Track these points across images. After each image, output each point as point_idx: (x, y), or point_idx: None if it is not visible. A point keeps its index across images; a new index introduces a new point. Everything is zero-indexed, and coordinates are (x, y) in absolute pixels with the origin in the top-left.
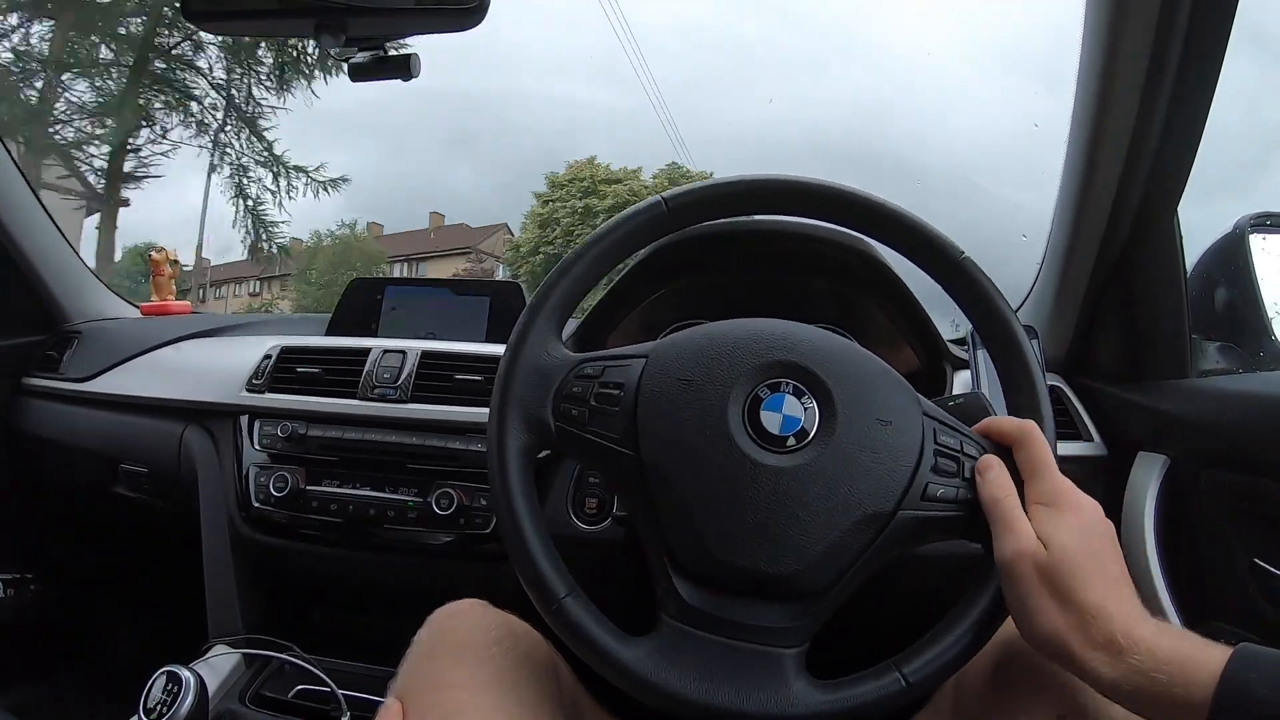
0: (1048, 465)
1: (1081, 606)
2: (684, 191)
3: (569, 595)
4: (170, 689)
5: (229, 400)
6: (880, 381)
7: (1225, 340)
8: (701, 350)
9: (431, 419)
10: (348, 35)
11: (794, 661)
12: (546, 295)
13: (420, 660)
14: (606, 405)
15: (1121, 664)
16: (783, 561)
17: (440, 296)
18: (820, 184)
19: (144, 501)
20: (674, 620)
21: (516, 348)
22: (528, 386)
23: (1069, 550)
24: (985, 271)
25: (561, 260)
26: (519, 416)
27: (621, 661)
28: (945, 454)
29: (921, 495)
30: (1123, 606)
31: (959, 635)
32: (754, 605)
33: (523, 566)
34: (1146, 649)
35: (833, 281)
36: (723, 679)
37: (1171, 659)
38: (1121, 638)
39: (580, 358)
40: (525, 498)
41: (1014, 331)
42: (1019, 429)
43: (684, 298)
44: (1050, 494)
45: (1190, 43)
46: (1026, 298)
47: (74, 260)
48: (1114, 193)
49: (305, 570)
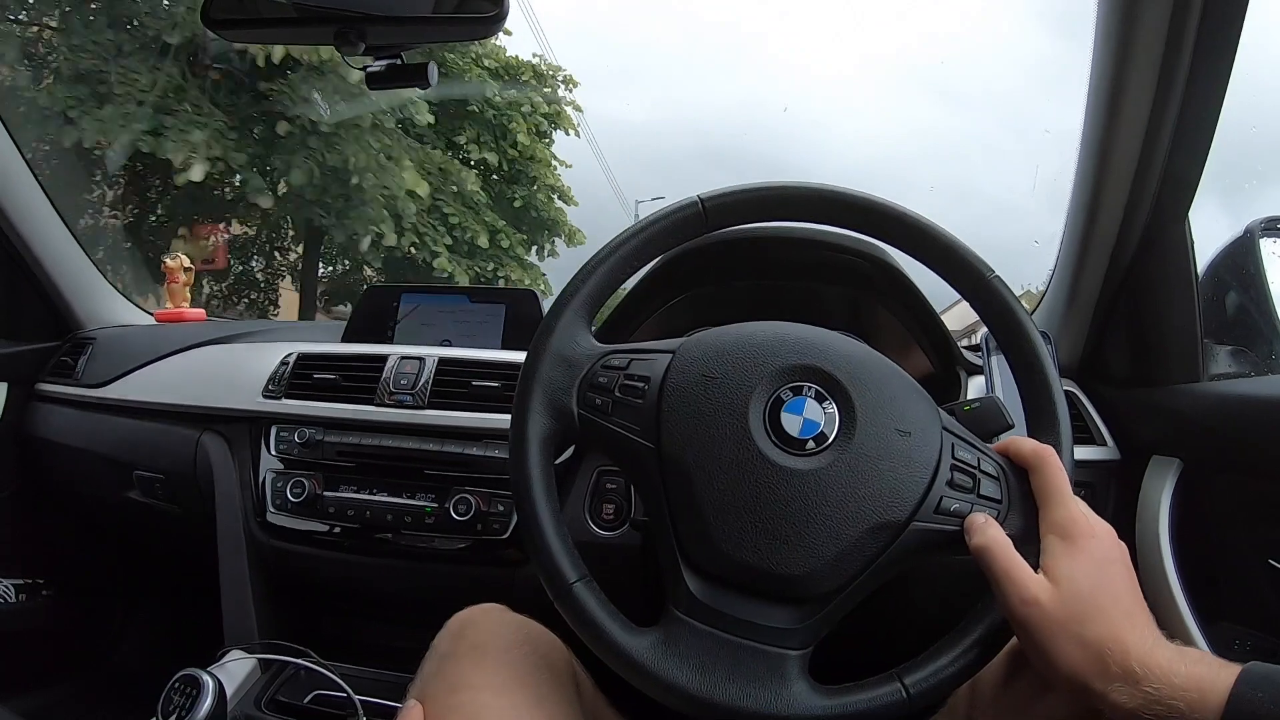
0: (1063, 493)
1: (1097, 642)
2: (722, 193)
3: (580, 580)
4: (188, 692)
5: (246, 406)
6: (902, 392)
7: (1237, 344)
8: (728, 349)
9: (449, 425)
10: (367, 44)
11: (797, 663)
12: (577, 288)
13: (440, 662)
14: (631, 397)
15: (1140, 693)
16: (792, 563)
17: (456, 303)
18: (858, 196)
19: (159, 507)
20: (681, 614)
21: (544, 336)
22: (555, 372)
23: (1081, 586)
24: (1014, 292)
25: (594, 254)
26: (543, 401)
27: (626, 650)
28: (961, 469)
29: (935, 508)
30: (1137, 634)
31: (964, 650)
32: (761, 605)
33: (537, 551)
34: (1163, 676)
35: (847, 286)
36: (724, 675)
37: (1187, 684)
38: (1138, 667)
39: (607, 349)
40: (543, 483)
41: (1039, 355)
42: (1036, 454)
43: (700, 303)
44: (1065, 523)
45: (1200, 47)
46: (1039, 302)
47: (88, 266)
48: (1125, 197)
49: (321, 576)
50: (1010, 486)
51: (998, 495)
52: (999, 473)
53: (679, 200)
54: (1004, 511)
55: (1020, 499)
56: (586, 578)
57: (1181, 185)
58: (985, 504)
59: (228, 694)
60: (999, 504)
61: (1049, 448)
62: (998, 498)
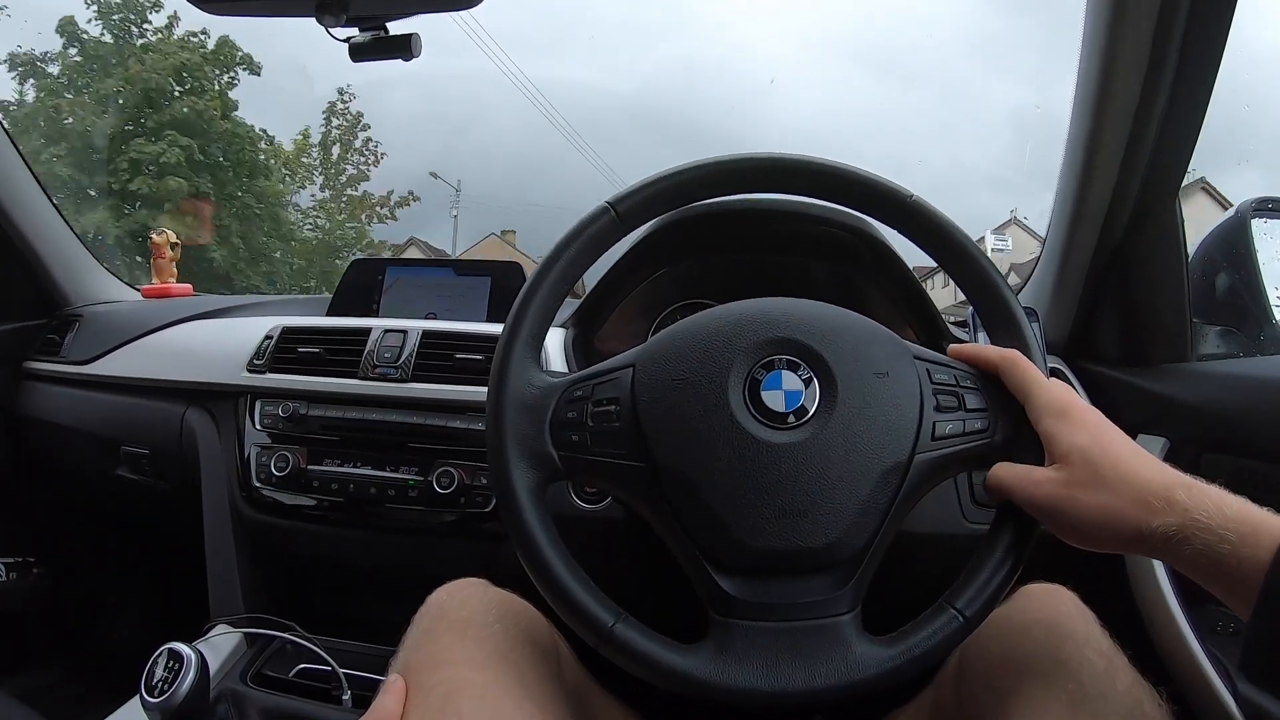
0: (1040, 380)
1: (1131, 486)
2: (630, 192)
3: (617, 622)
4: (171, 666)
5: (230, 381)
6: (868, 336)
7: (1226, 324)
8: (688, 347)
9: (432, 398)
10: (349, 14)
11: (852, 625)
12: (516, 329)
13: (421, 638)
14: (606, 423)
15: (1190, 520)
16: (818, 533)
17: (441, 276)
18: (763, 158)
19: (146, 483)
20: (725, 617)
21: (500, 386)
22: (521, 420)
23: (1092, 449)
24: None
25: (524, 289)
26: (519, 453)
27: (684, 672)
28: (944, 390)
29: (932, 436)
30: (1170, 474)
31: (999, 560)
32: (799, 582)
33: (562, 605)
34: (1213, 506)
35: (832, 262)
36: (789, 663)
37: (1240, 518)
38: (1184, 496)
39: (565, 381)
40: (546, 534)
41: (982, 265)
42: (1001, 357)
43: (684, 278)
44: (1052, 404)
45: (1192, 24)
46: (1028, 280)
47: (74, 243)
48: (1115, 176)
49: (306, 550)
50: (991, 392)
51: (983, 405)
52: (977, 383)
53: (590, 211)
54: (992, 418)
55: (1004, 400)
56: (622, 615)
57: (1173, 161)
58: (974, 415)
59: (212, 668)
60: (986, 412)
61: (1011, 350)
62: (983, 407)
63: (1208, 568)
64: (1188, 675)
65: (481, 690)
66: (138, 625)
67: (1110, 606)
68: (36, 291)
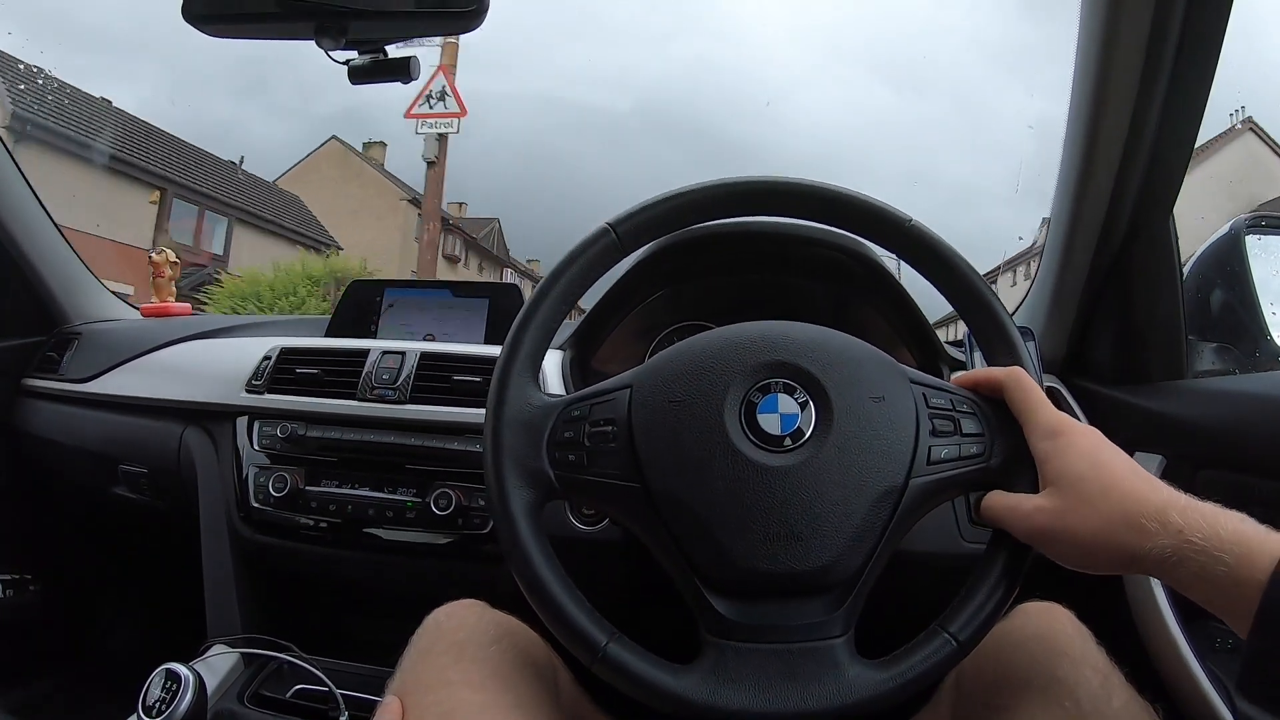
0: (1041, 401)
1: (1124, 509)
2: (631, 213)
3: (610, 641)
4: (169, 687)
5: (229, 401)
6: (863, 359)
7: (1221, 341)
8: (685, 368)
9: (430, 420)
10: (348, 38)
11: (845, 649)
12: (515, 348)
13: (418, 659)
14: (603, 444)
15: (1184, 543)
16: (812, 557)
17: (439, 298)
18: (764, 182)
19: (144, 502)
20: (718, 639)
21: (498, 406)
22: (518, 440)
23: (1084, 471)
24: (935, 232)
25: (523, 309)
26: (517, 472)
27: (677, 693)
28: (940, 415)
29: (927, 460)
30: (1164, 494)
31: (994, 584)
32: (793, 605)
33: (556, 623)
34: (1208, 528)
35: (831, 284)
36: (781, 684)
37: (1236, 539)
38: (1178, 518)
39: (564, 401)
40: (541, 552)
41: (976, 285)
42: (1008, 375)
43: (683, 299)
44: (1048, 425)
45: (1185, 41)
46: (1023, 300)
47: (74, 261)
48: (1109, 194)
49: (304, 570)
50: (987, 417)
51: (979, 430)
52: (973, 408)
53: (591, 231)
54: (988, 443)
55: (1000, 424)
56: (615, 635)
57: (1167, 178)
58: (970, 440)
59: (209, 688)
60: (982, 437)
61: (1016, 367)
62: (979, 432)
63: (1204, 589)
64: (1185, 693)
65: (478, 711)
66: (134, 643)
67: (1107, 624)
68: (36, 309)
